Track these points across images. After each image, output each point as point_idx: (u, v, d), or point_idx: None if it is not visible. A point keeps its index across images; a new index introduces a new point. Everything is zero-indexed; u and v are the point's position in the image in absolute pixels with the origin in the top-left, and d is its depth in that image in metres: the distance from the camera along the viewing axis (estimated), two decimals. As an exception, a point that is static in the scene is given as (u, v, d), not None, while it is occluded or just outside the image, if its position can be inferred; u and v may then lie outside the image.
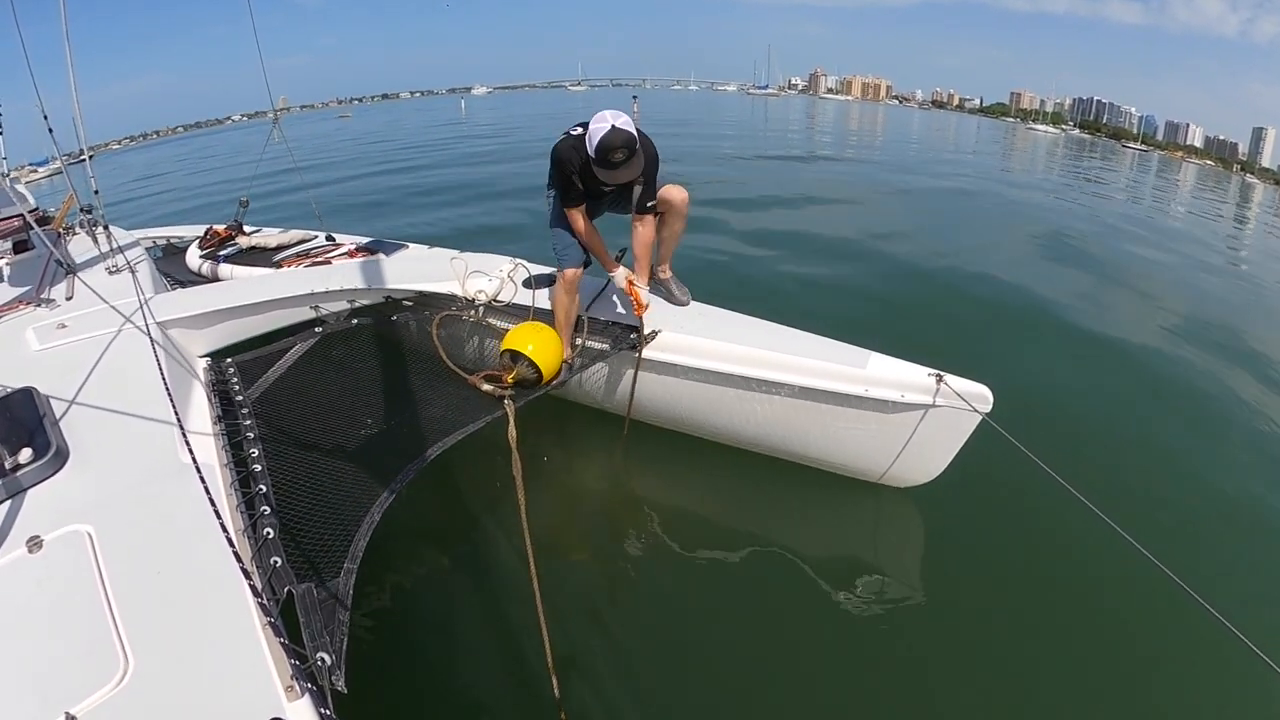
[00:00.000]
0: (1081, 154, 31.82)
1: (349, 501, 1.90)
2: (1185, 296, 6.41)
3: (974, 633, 2.15)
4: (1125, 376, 4.15)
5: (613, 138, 2.28)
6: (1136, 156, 40.91)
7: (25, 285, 3.01)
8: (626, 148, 2.30)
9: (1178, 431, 3.50)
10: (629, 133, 2.30)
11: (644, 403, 2.90)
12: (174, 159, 27.50)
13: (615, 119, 2.31)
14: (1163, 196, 17.88)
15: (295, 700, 1.04)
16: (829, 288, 5.52)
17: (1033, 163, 22.11)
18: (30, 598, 1.25)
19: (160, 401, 1.84)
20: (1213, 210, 16.92)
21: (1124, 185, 18.59)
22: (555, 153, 2.52)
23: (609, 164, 2.33)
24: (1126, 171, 25.18)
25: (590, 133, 2.34)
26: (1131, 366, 4.33)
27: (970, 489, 2.64)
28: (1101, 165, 24.93)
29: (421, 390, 2.70)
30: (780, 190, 9.92)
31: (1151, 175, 26.19)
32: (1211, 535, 2.65)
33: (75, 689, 1.04)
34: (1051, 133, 59.49)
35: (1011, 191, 12.79)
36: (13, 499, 1.50)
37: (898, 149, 20.55)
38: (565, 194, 2.59)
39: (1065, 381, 3.95)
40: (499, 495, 2.61)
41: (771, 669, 2.02)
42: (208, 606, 1.23)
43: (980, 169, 16.81)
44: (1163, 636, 2.12)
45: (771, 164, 13.63)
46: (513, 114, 35.86)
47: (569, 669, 1.88)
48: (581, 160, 2.43)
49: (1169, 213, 14.30)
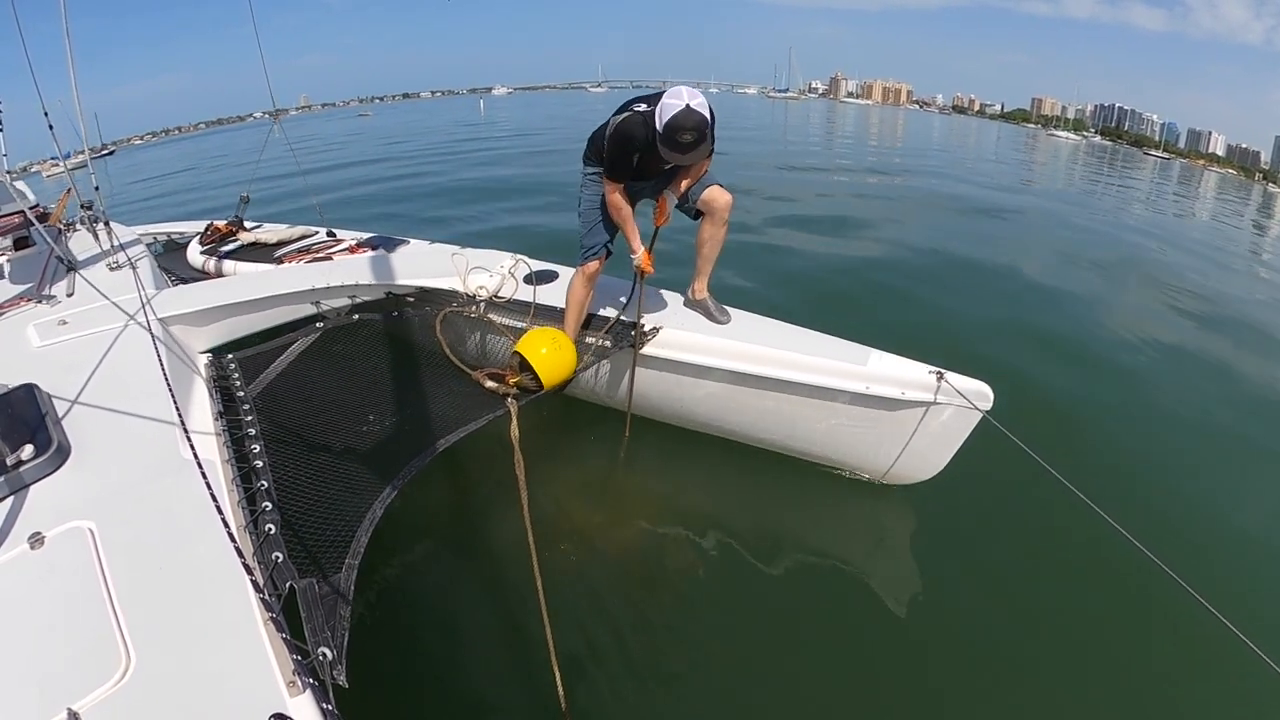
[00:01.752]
0: (1105, 161, 31.25)
1: (351, 497, 1.90)
2: (1203, 299, 6.36)
3: (974, 631, 2.15)
4: (1126, 376, 4.15)
5: (686, 118, 2.15)
6: (1158, 164, 40.49)
7: (26, 282, 3.01)
8: (698, 129, 2.16)
9: (1178, 431, 3.50)
10: (703, 115, 2.17)
11: (647, 399, 2.89)
12: (195, 154, 27.55)
13: (692, 98, 2.17)
14: (1193, 205, 17.39)
15: (297, 695, 1.04)
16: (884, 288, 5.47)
17: (1055, 173, 21.34)
18: (32, 594, 1.25)
19: (161, 398, 1.84)
20: (1233, 216, 16.68)
21: (1146, 195, 18.15)
22: (621, 129, 2.35)
23: (676, 144, 2.19)
24: (1149, 178, 24.69)
25: (661, 107, 2.20)
26: (1131, 366, 4.33)
27: (970, 487, 2.64)
28: (1122, 177, 23.38)
29: (423, 387, 2.70)
30: (813, 206, 9.34)
31: (1198, 189, 25.36)
32: (1212, 533, 2.65)
33: (77, 685, 1.05)
34: (1073, 139, 59.17)
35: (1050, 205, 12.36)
36: (14, 495, 1.51)
37: (950, 160, 19.54)
38: (615, 166, 2.41)
39: (1065, 380, 3.95)
40: (501, 491, 2.61)
41: (774, 665, 2.02)
42: (209, 602, 1.23)
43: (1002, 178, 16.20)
44: (1162, 634, 2.12)
45: (804, 175, 12.98)
46: (531, 115, 35.37)
47: (572, 664, 1.88)
48: (647, 138, 2.29)
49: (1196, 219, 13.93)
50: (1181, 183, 27.50)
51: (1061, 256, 7.45)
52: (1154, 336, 4.95)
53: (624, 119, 2.35)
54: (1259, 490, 2.99)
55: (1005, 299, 5.46)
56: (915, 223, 8.67)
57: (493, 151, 16.38)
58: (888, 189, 12.16)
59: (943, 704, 1.91)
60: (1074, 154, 33.77)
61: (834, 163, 16.11)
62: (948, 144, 29.06)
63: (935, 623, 2.18)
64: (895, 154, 19.84)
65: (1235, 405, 3.86)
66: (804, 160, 15.93)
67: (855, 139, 26.26)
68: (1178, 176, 31.78)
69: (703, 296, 2.81)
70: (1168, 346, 4.80)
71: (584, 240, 2.67)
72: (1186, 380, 4.18)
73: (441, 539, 2.55)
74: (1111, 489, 2.43)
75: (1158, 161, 43.71)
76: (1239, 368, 4.53)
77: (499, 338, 3.03)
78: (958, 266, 6.32)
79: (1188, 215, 15.36)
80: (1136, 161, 37.75)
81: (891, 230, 7.91)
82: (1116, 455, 3.13)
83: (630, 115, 2.34)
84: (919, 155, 19.46)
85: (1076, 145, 48.84)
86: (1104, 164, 28.57)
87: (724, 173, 2.66)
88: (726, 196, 2.57)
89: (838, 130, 32.58)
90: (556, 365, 2.63)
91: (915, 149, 23.26)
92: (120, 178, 20.86)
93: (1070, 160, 27.92)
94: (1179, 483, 2.98)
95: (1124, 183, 20.59)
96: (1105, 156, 36.89)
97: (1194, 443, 3.37)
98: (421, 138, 22.64)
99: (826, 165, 15.35)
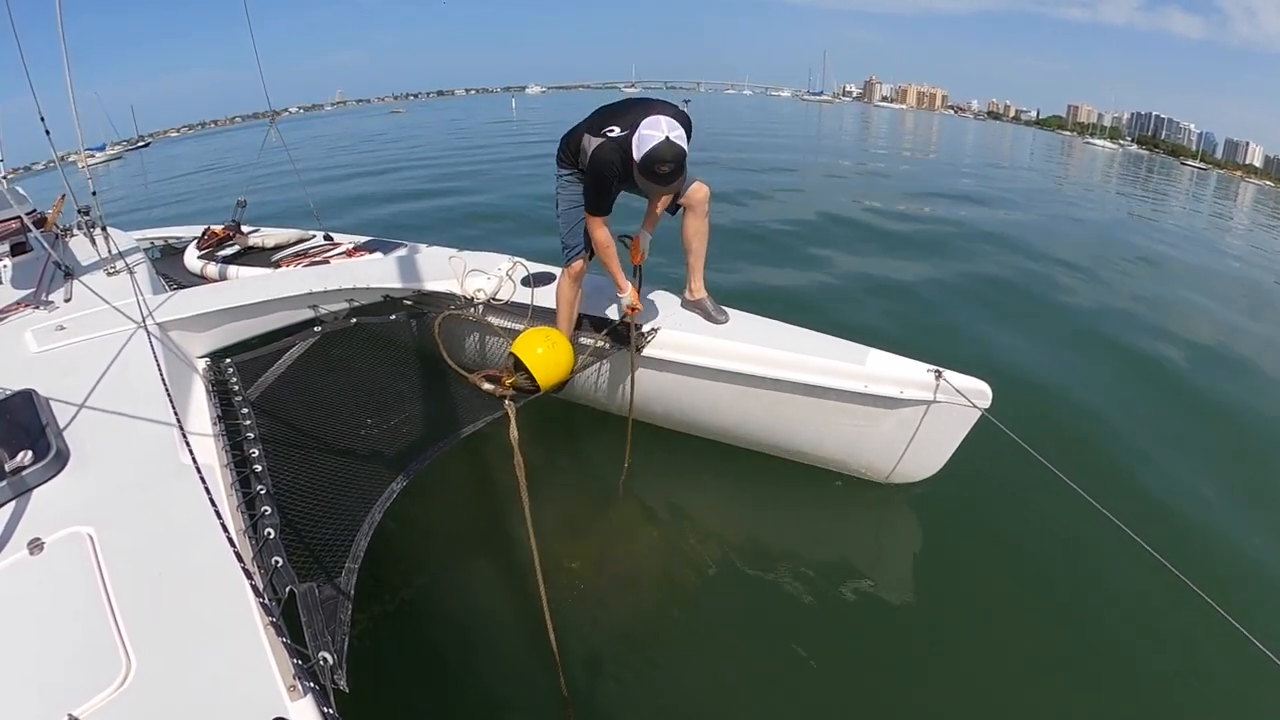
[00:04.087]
0: (1140, 172, 29.95)
1: (350, 501, 1.89)
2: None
3: (973, 630, 2.15)
4: (1126, 376, 4.15)
5: (665, 149, 2.16)
6: (1195, 174, 39.50)
7: (24, 288, 3.01)
8: (676, 161, 2.19)
9: (1179, 431, 3.50)
10: (681, 148, 2.19)
11: (646, 401, 2.89)
12: (220, 150, 27.35)
13: (670, 130, 2.19)
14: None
15: (298, 700, 1.04)
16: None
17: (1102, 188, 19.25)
18: (31, 600, 1.25)
19: (160, 402, 1.84)
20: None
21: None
22: (597, 162, 2.33)
23: (655, 175, 2.21)
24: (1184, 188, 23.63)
25: (639, 137, 2.20)
26: (1134, 366, 4.33)
27: (969, 484, 2.65)
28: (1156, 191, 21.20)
29: (422, 390, 2.70)
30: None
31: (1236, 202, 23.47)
32: (1212, 531, 2.65)
33: (77, 691, 1.04)
34: (1109, 148, 58.46)
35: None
36: (13, 501, 1.50)
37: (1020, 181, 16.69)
38: (596, 201, 2.42)
39: (1066, 380, 3.96)
40: (502, 494, 2.61)
41: (773, 666, 2.02)
42: (209, 607, 1.23)
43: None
44: (1165, 630, 2.12)
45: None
46: (564, 113, 34.87)
47: (576, 667, 1.88)
48: (621, 165, 2.30)
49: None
50: (1220, 197, 25.63)
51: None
52: (1164, 338, 4.93)
53: (598, 148, 2.33)
54: (1260, 491, 2.99)
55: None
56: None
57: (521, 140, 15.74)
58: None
59: (942, 703, 1.91)
60: (1109, 163, 33.00)
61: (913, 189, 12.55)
62: (992, 155, 26.36)
63: (934, 622, 2.19)
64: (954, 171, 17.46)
65: (1244, 408, 3.85)
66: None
67: (892, 149, 23.60)
68: (1214, 187, 30.53)
69: (700, 296, 2.81)
70: (1176, 347, 4.78)
71: (565, 240, 2.67)
72: (1190, 381, 4.17)
73: (442, 542, 2.55)
74: (1111, 487, 2.44)
75: (1194, 172, 42.41)
76: (1251, 370, 4.53)
77: (497, 340, 3.02)
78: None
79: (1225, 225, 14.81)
80: (1172, 171, 36.79)
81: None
82: (1117, 453, 3.13)
83: (604, 144, 2.33)
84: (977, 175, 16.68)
85: (1112, 154, 47.75)
86: (1139, 176, 26.85)
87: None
88: (705, 189, 2.62)
89: (872, 134, 31.47)
90: (552, 365, 2.62)
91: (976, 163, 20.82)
92: (161, 168, 20.90)
93: (1106, 169, 26.72)
94: (1180, 480, 2.99)
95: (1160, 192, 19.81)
96: (1142, 166, 35.98)
97: (1196, 444, 3.36)
98: (439, 139, 22.28)
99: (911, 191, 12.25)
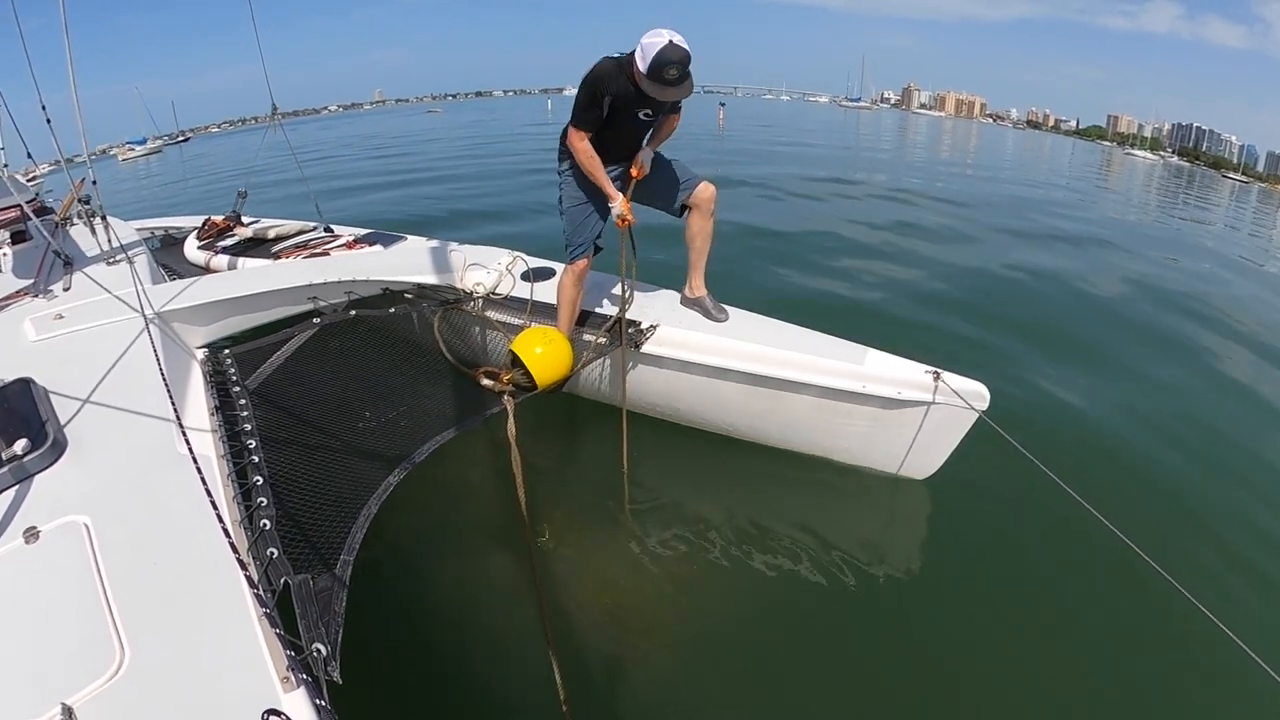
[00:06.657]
0: (1182, 185, 28.11)
1: (347, 493, 1.90)
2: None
3: (969, 632, 2.15)
4: (1128, 376, 4.15)
5: (671, 52, 2.20)
6: (1235, 188, 38.04)
7: (23, 276, 3.00)
8: (682, 64, 2.23)
9: (1178, 430, 3.50)
10: (686, 50, 2.23)
11: (645, 397, 2.90)
12: (259, 146, 27.17)
13: (672, 35, 2.23)
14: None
15: (291, 691, 1.04)
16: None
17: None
18: (27, 588, 1.25)
19: (158, 392, 1.84)
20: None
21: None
22: (592, 73, 2.36)
23: (663, 79, 2.25)
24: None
25: (644, 45, 2.23)
26: (1135, 366, 4.33)
27: (966, 486, 2.65)
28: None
29: (420, 383, 2.70)
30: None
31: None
32: (1207, 534, 2.65)
33: (71, 680, 1.04)
34: (1150, 159, 57.25)
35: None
36: (9, 490, 1.50)
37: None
38: (583, 111, 2.40)
39: (1065, 378, 3.96)
40: (498, 489, 2.61)
41: (770, 664, 2.03)
42: (204, 598, 1.23)
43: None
44: (1157, 636, 2.12)
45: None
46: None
47: (571, 660, 1.88)
48: (622, 83, 2.32)
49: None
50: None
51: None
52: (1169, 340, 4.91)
53: (598, 62, 2.37)
54: (1259, 492, 2.99)
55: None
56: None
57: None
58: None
59: (941, 702, 1.92)
60: (1149, 175, 31.96)
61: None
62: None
63: (932, 622, 2.19)
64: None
65: (1242, 412, 3.83)
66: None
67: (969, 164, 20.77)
68: (1256, 200, 28.75)
69: (700, 294, 2.81)
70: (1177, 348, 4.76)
71: (570, 238, 2.67)
72: (1190, 382, 4.17)
73: (437, 536, 2.55)
74: (1111, 491, 2.44)
75: (1235, 185, 40.67)
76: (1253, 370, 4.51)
77: (496, 335, 3.03)
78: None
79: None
80: (1214, 185, 35.55)
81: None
82: (1115, 457, 3.13)
83: (602, 61, 2.37)
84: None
85: (1153, 166, 46.34)
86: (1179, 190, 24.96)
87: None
88: (711, 189, 2.68)
89: (911, 141, 30.14)
90: (551, 364, 2.63)
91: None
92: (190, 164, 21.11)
93: (1145, 182, 25.28)
94: (1177, 485, 2.99)
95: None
96: (1183, 178, 34.99)
97: (1195, 443, 3.36)
98: (469, 141, 21.26)
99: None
